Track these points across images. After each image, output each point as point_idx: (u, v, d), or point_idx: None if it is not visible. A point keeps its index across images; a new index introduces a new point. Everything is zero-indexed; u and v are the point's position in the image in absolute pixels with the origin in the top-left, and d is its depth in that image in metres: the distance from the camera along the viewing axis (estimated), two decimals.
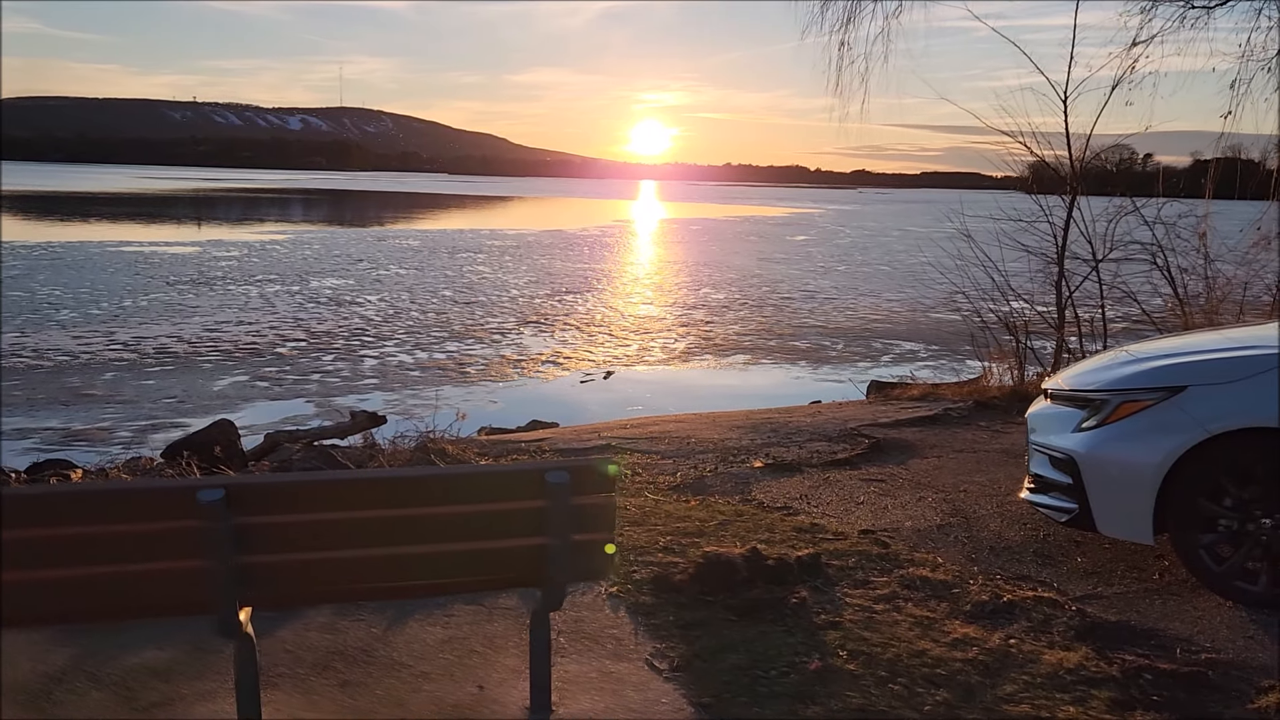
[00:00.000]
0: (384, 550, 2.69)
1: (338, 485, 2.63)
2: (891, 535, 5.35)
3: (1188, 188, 12.04)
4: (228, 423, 7.38)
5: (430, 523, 2.69)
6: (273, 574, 2.61)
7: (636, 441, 8.30)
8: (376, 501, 2.64)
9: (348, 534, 2.64)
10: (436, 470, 3.14)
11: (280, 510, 2.56)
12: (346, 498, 2.61)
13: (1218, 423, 4.19)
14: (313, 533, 2.61)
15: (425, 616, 3.93)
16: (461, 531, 2.71)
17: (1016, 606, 4.22)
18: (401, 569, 2.74)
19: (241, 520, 2.51)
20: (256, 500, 2.53)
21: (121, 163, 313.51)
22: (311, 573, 2.65)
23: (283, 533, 2.58)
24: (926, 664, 3.63)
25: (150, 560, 2.53)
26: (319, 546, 2.63)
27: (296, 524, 2.58)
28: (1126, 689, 3.49)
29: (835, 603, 4.21)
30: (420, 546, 2.71)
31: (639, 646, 3.74)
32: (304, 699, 3.24)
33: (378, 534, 2.67)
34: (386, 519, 2.67)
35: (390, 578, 2.75)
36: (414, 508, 2.67)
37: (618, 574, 4.47)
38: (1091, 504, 4.54)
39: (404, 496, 2.67)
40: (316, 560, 2.63)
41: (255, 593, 2.65)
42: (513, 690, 3.33)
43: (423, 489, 2.67)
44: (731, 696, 3.36)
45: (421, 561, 2.73)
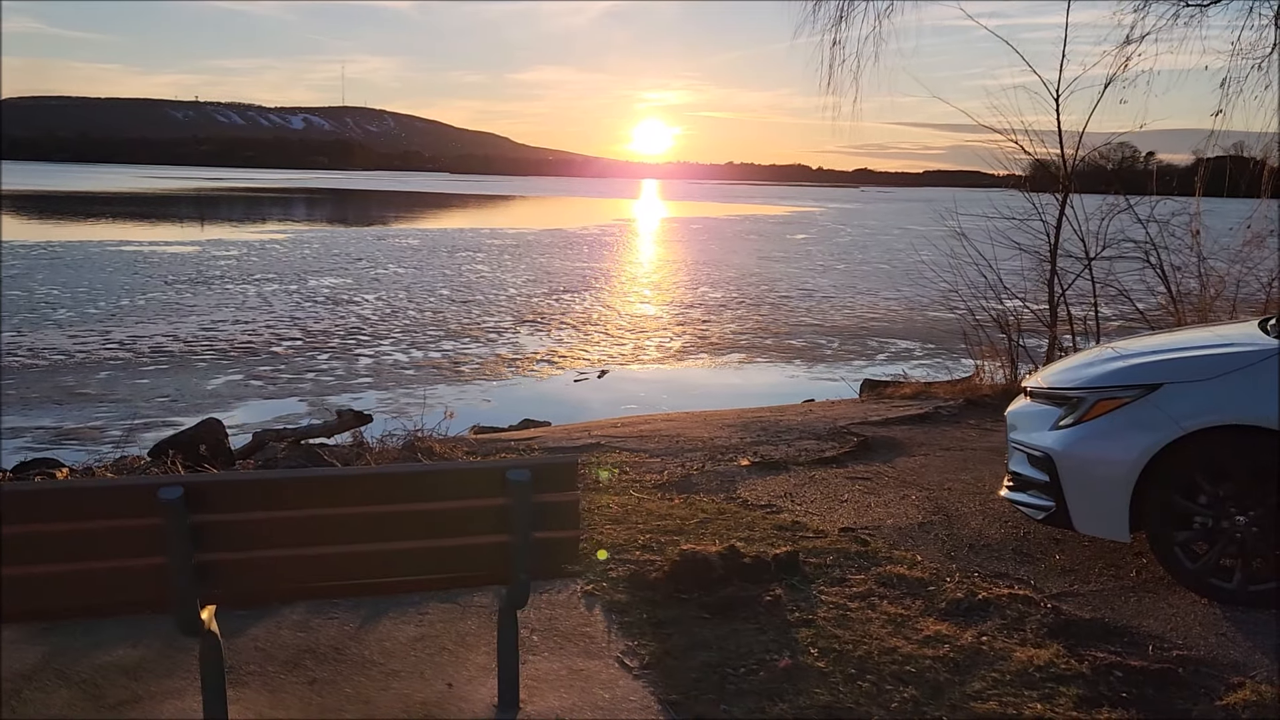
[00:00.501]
0: (345, 548, 2.70)
1: (296, 483, 2.64)
2: (872, 533, 5.36)
3: (1182, 186, 12.03)
4: (215, 422, 7.39)
5: (391, 520, 2.70)
6: (233, 572, 2.63)
7: (626, 440, 8.31)
8: (336, 500, 2.65)
9: (308, 532, 2.65)
10: (397, 468, 3.15)
11: (240, 508, 2.57)
12: (306, 496, 2.62)
13: (1192, 420, 4.19)
14: (273, 531, 2.62)
15: (399, 615, 3.94)
16: (423, 529, 2.72)
17: (991, 604, 4.22)
18: (363, 567, 2.75)
19: (201, 518, 2.53)
20: (216, 498, 2.54)
21: (124, 162, 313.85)
22: (272, 570, 2.66)
23: (242, 530, 2.59)
24: (896, 661, 3.64)
25: (110, 558, 2.54)
26: (279, 544, 2.64)
27: (256, 522, 2.59)
28: (1095, 686, 3.49)
29: (810, 600, 4.22)
30: (382, 544, 2.72)
31: (611, 644, 3.75)
32: (271, 697, 3.25)
33: (338, 532, 2.68)
34: (347, 517, 2.68)
35: (352, 575, 2.76)
36: (375, 505, 2.68)
37: (594, 572, 4.48)
38: (1068, 501, 4.55)
39: (364, 494, 2.68)
40: (277, 558, 2.64)
41: (216, 591, 2.66)
42: (481, 688, 3.34)
43: (383, 487, 2.68)
44: (699, 694, 3.37)
45: (383, 559, 2.74)
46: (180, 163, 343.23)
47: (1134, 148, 14.24)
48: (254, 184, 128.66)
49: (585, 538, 4.98)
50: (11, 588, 2.53)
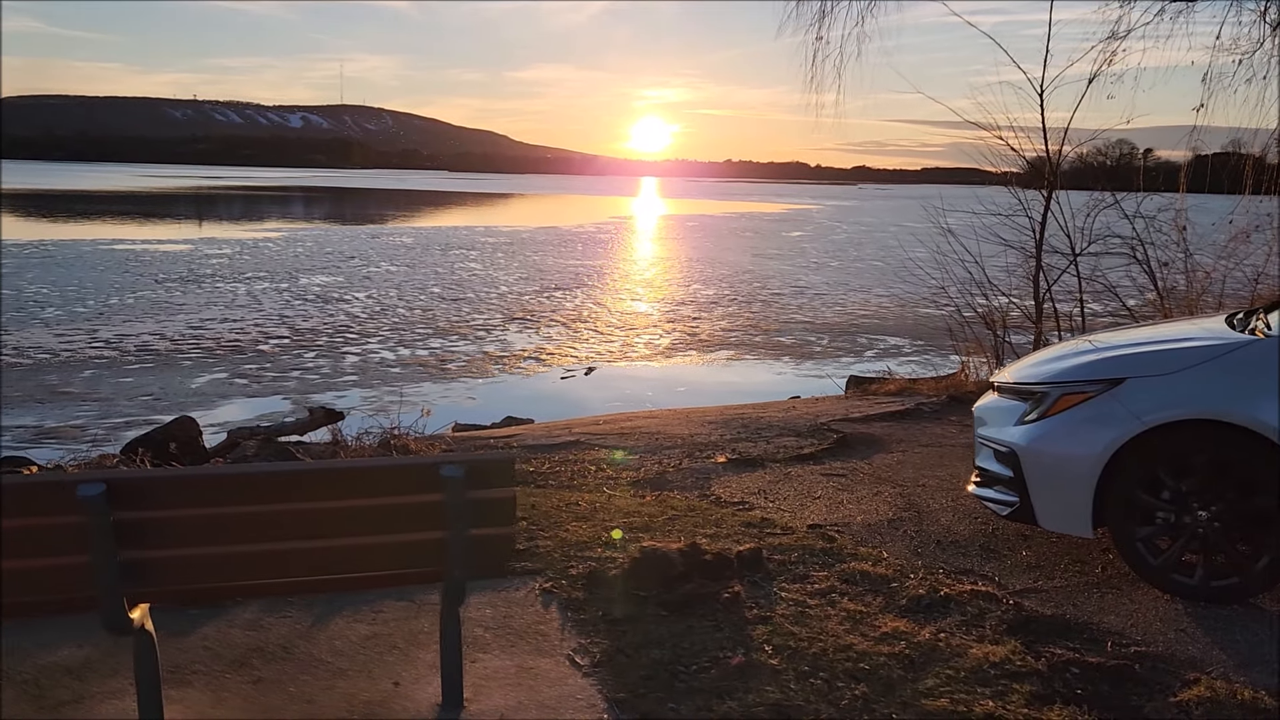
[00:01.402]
0: (277, 545, 2.67)
1: (222, 480, 2.60)
2: (840, 530, 5.33)
3: (1172, 182, 12.00)
4: (189, 419, 7.36)
5: (324, 517, 2.67)
6: (160, 569, 2.59)
7: (606, 437, 8.28)
8: (267, 496, 2.61)
9: (239, 529, 2.62)
10: (329, 464, 3.12)
11: (166, 505, 2.54)
12: (233, 492, 2.59)
13: (1154, 415, 4.16)
14: (202, 528, 2.59)
15: (352, 613, 3.91)
16: (355, 526, 2.69)
17: (952, 600, 4.19)
18: (296, 564, 2.72)
19: (124, 515, 2.49)
20: (140, 495, 2.51)
21: (122, 161, 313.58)
22: (200, 568, 2.62)
23: (170, 528, 2.56)
24: (851, 658, 3.61)
25: (33, 556, 2.51)
26: (210, 542, 2.61)
27: (184, 519, 2.56)
28: (1050, 683, 3.46)
29: (769, 598, 4.19)
30: (315, 541, 2.69)
31: (563, 642, 3.72)
32: (213, 696, 3.22)
33: (269, 529, 2.65)
34: (278, 514, 2.64)
35: (285, 573, 2.73)
36: (307, 502, 2.64)
37: (553, 569, 4.45)
38: (1032, 497, 4.52)
39: (296, 491, 2.65)
40: (205, 555, 2.61)
41: (143, 588, 2.63)
42: (428, 687, 3.31)
43: (315, 483, 2.65)
44: (647, 692, 3.34)
45: (317, 556, 2.71)
46: (178, 161, 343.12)
47: (1132, 145, 14.21)
48: (251, 183, 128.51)
49: (578, 528, 4.96)
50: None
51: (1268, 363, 4.09)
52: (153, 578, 2.61)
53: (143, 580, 2.60)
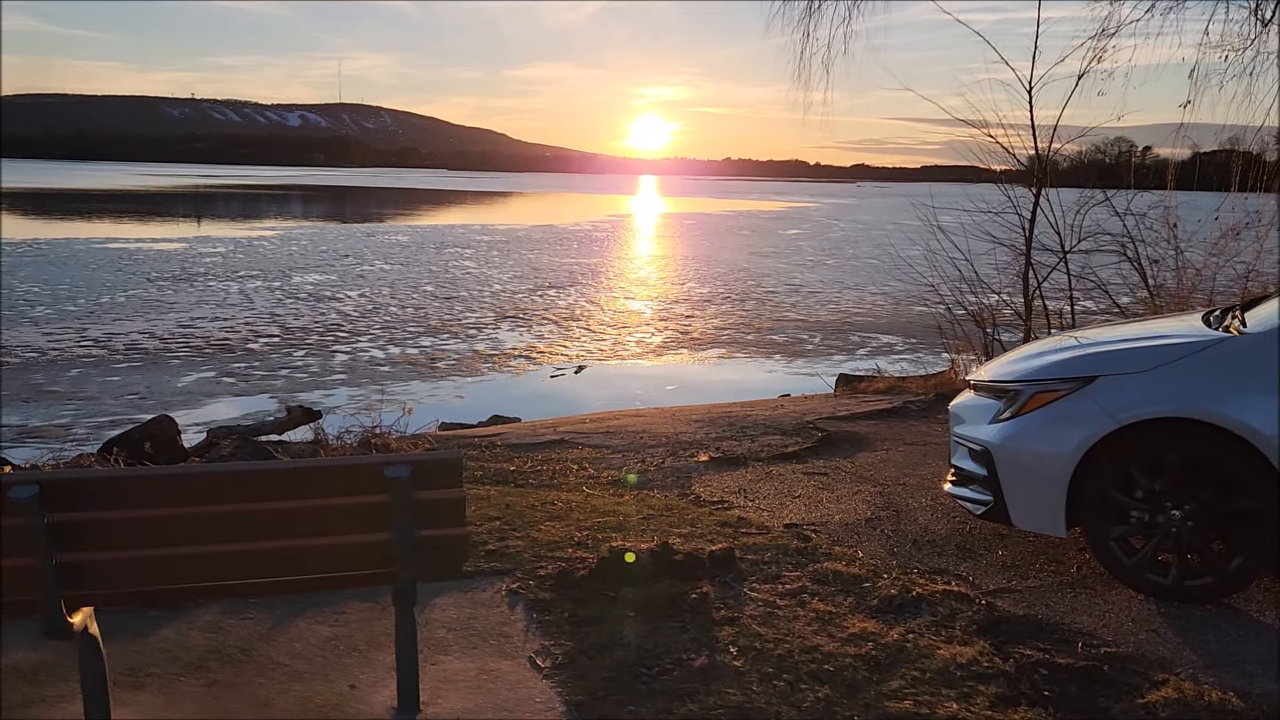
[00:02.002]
0: (221, 547, 2.63)
1: (160, 481, 2.56)
2: (817, 529, 5.29)
3: (1164, 180, 11.95)
4: (168, 419, 7.32)
5: (266, 519, 2.62)
6: (99, 572, 2.55)
7: (590, 436, 8.24)
8: (205, 498, 2.57)
9: (177, 531, 2.57)
10: (270, 465, 3.07)
11: (101, 506, 2.49)
12: (171, 494, 2.55)
13: (1127, 413, 4.12)
14: (138, 530, 2.54)
15: (315, 614, 3.87)
16: (299, 528, 2.64)
17: (924, 600, 4.15)
18: (242, 566, 2.67)
19: (60, 517, 2.45)
20: (74, 497, 2.47)
21: (120, 160, 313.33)
22: (140, 571, 2.58)
23: (106, 530, 2.51)
24: (816, 660, 3.57)
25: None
26: (147, 544, 2.56)
27: (119, 521, 2.51)
28: (1017, 685, 3.42)
29: (739, 598, 4.15)
30: (260, 543, 2.64)
31: (526, 643, 3.68)
32: (166, 700, 3.17)
33: (213, 530, 2.61)
34: (221, 515, 2.60)
35: (231, 575, 2.68)
36: (247, 503, 2.60)
37: (522, 570, 4.41)
38: (1005, 496, 4.48)
39: (240, 492, 2.60)
40: (145, 558, 2.57)
41: (83, 591, 2.58)
42: (385, 690, 3.27)
43: (254, 484, 2.60)
44: (607, 695, 3.30)
45: (262, 558, 2.67)
46: (177, 160, 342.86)
47: (1130, 142, 14.17)
48: (249, 181, 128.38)
49: (548, 531, 4.92)
50: None
51: (1240, 360, 4.05)
52: (92, 580, 2.56)
53: (82, 583, 2.55)
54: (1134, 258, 11.11)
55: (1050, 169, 11.37)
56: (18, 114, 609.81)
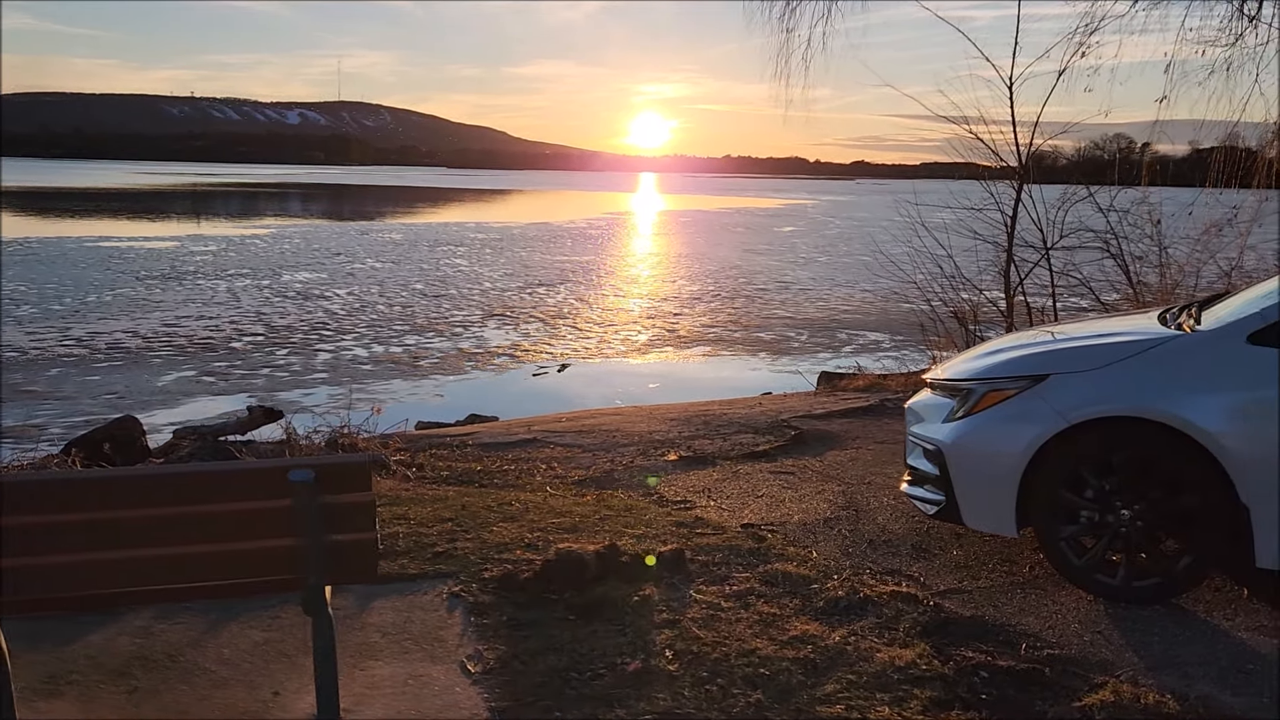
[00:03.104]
0: (123, 553, 2.57)
1: (54, 485, 2.51)
2: (775, 529, 5.24)
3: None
4: (132, 419, 7.27)
5: (172, 523, 2.57)
6: (4, 578, 2.49)
7: (564, 435, 8.19)
8: (105, 503, 2.52)
9: (77, 536, 2.52)
10: (172, 469, 3.02)
11: (4, 511, 2.43)
12: (71, 498, 2.49)
13: (1077, 411, 4.07)
14: (37, 535, 2.48)
15: (249, 618, 3.81)
16: (201, 533, 2.59)
17: (870, 602, 4.10)
18: (145, 572, 2.62)
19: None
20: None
21: (119, 158, 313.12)
22: (38, 577, 2.52)
23: (9, 535, 2.46)
24: (752, 664, 3.51)
25: None
26: (45, 550, 2.50)
27: (16, 526, 2.45)
28: (954, 687, 3.37)
29: (683, 600, 4.10)
30: (163, 549, 2.59)
31: (460, 648, 3.63)
32: (82, 707, 3.12)
33: (115, 535, 2.55)
34: (124, 520, 2.55)
35: (134, 581, 2.62)
36: (150, 508, 2.54)
37: (466, 573, 4.36)
38: (957, 496, 4.43)
39: (140, 497, 2.55)
40: (43, 565, 2.51)
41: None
42: (308, 696, 3.20)
43: (157, 489, 2.55)
44: (534, 700, 3.24)
45: (166, 564, 2.61)
46: (176, 159, 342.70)
47: (1130, 139, 14.11)
48: (248, 180, 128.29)
49: (507, 534, 4.86)
50: None
51: (1188, 359, 4.00)
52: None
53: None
54: (1117, 254, 11.07)
55: (1033, 165, 11.33)
56: (16, 112, 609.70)
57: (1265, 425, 3.75)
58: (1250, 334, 3.89)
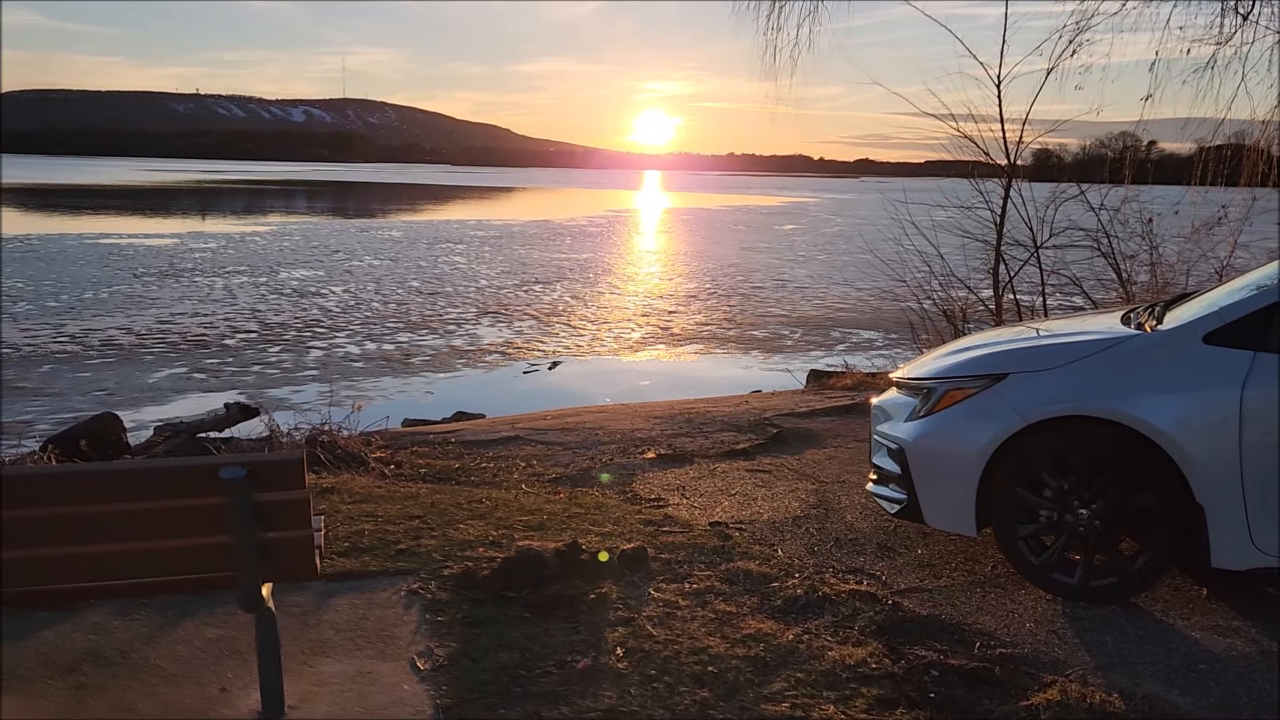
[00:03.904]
0: (54, 550, 2.58)
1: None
2: (743, 527, 5.24)
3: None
4: (112, 416, 7.29)
5: (99, 521, 2.58)
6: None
7: (546, 433, 8.19)
8: (38, 500, 2.53)
9: (12, 533, 2.53)
10: (104, 467, 3.03)
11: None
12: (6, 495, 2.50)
13: (1035, 411, 4.06)
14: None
15: (205, 615, 3.82)
16: (134, 530, 2.60)
17: (829, 600, 4.10)
18: (77, 570, 2.63)
19: None
20: None
21: (124, 155, 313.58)
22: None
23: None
24: (702, 662, 3.52)
25: None
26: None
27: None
28: (901, 686, 3.38)
29: (641, 598, 4.10)
30: (95, 546, 2.60)
31: (411, 645, 3.63)
32: (27, 704, 3.13)
33: (45, 533, 2.56)
34: (54, 518, 2.56)
35: (66, 579, 2.64)
36: (82, 505, 2.55)
37: (427, 570, 4.37)
38: (919, 494, 4.43)
39: (66, 494, 2.56)
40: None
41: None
42: (254, 693, 3.20)
43: (89, 486, 2.56)
44: (479, 698, 3.25)
45: (97, 562, 2.62)
46: (181, 156, 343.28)
47: (1135, 136, 14.08)
48: (252, 177, 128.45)
49: (475, 534, 4.87)
50: None
51: (1144, 358, 3.99)
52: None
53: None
54: (1108, 253, 11.05)
55: (1020, 162, 11.32)
56: (21, 110, 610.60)
57: (1220, 425, 3.74)
58: (1206, 334, 3.89)
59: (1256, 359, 3.75)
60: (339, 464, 6.92)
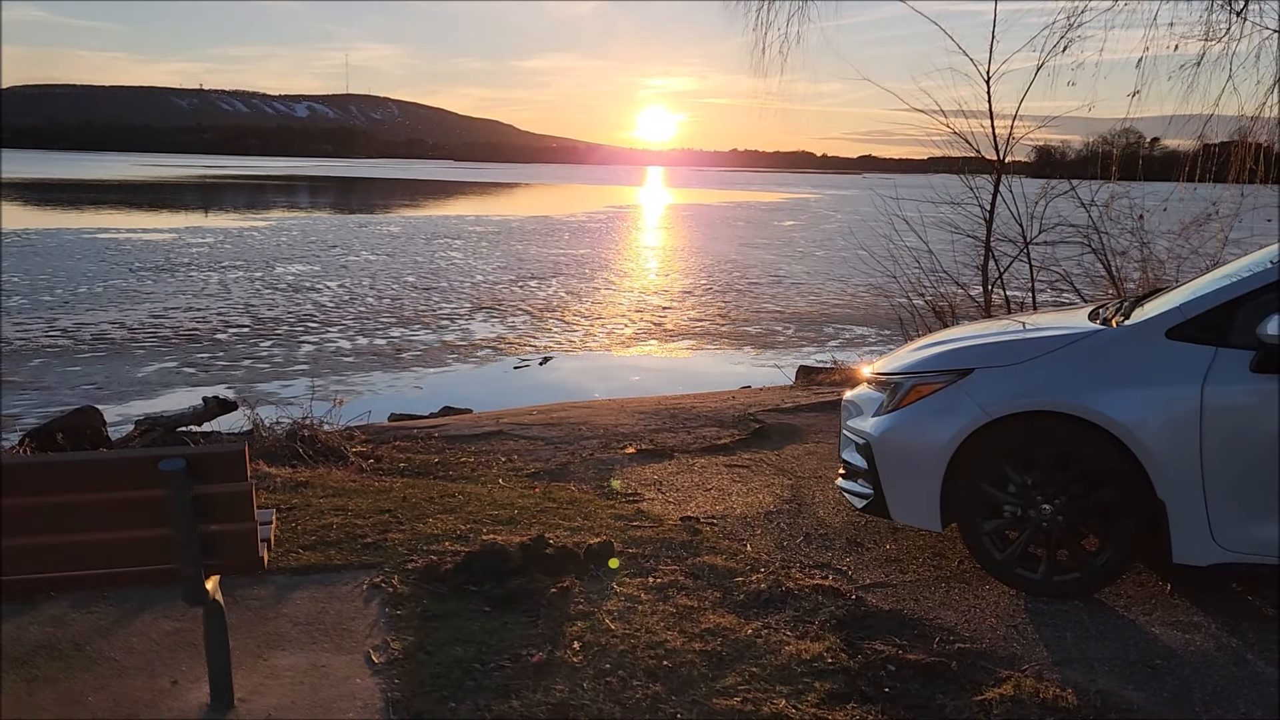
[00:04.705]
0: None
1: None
2: (714, 522, 5.24)
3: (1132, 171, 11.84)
4: (93, 409, 7.28)
5: (39, 513, 2.57)
6: None
7: (530, 427, 8.19)
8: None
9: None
10: (39, 459, 3.02)
11: None
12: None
13: (999, 406, 4.05)
14: None
15: (164, 608, 3.81)
16: (74, 522, 2.59)
17: (791, 595, 4.10)
18: (15, 562, 2.62)
19: None
20: None
21: (128, 150, 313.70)
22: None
23: None
24: (657, 656, 3.51)
25: None
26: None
27: None
28: (855, 681, 3.37)
29: (603, 593, 4.10)
30: (33, 538, 2.59)
31: (369, 639, 3.63)
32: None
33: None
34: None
35: (5, 571, 2.63)
36: (18, 497, 2.55)
37: (391, 564, 4.36)
38: (885, 490, 4.42)
39: (6, 485, 2.55)
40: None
41: None
42: (205, 686, 3.21)
43: (25, 478, 2.55)
44: (430, 691, 3.24)
45: (36, 554, 2.62)
46: (184, 151, 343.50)
47: (1139, 133, 14.03)
48: (255, 172, 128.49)
49: (441, 528, 4.86)
50: None
51: (1108, 354, 3.98)
52: None
53: None
54: (1099, 249, 11.03)
55: (1011, 158, 11.30)
56: (24, 105, 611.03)
57: (1181, 420, 3.73)
58: (1168, 329, 3.87)
59: (1218, 354, 3.74)
60: (319, 458, 6.92)
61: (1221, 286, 3.89)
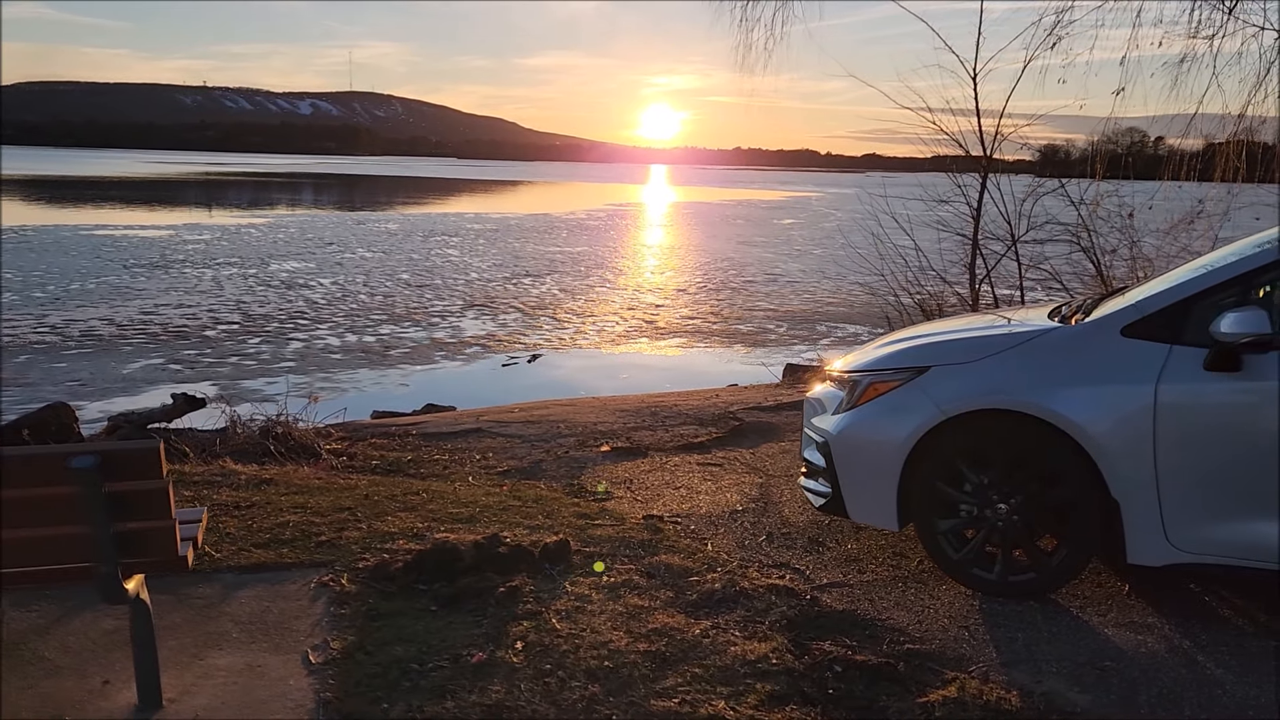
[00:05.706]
0: None
1: None
2: (677, 521, 5.19)
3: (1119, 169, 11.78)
4: (64, 406, 7.25)
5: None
6: None
7: (509, 425, 8.15)
8: None
9: None
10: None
11: None
12: None
13: (953, 404, 4.00)
14: None
15: (106, 608, 3.75)
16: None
17: (745, 595, 4.05)
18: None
19: None
20: None
21: (131, 147, 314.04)
22: None
23: None
24: (599, 656, 3.46)
25: None
26: None
27: None
28: (798, 682, 3.32)
29: (554, 592, 4.05)
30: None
31: (309, 638, 3.59)
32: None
33: None
34: None
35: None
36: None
37: (341, 562, 4.32)
38: (842, 489, 4.37)
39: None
40: None
41: None
42: None
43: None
44: (365, 691, 3.20)
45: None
46: (188, 148, 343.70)
47: (1143, 133, 13.96)
48: (258, 169, 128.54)
49: (407, 527, 4.82)
50: None
51: (1063, 352, 3.92)
52: None
53: None
54: (1088, 247, 10.98)
55: (998, 155, 11.26)
56: (29, 102, 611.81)
57: (1134, 419, 3.68)
58: (1124, 327, 3.82)
59: (1172, 352, 3.68)
60: (289, 455, 6.88)
61: (1177, 284, 3.84)
